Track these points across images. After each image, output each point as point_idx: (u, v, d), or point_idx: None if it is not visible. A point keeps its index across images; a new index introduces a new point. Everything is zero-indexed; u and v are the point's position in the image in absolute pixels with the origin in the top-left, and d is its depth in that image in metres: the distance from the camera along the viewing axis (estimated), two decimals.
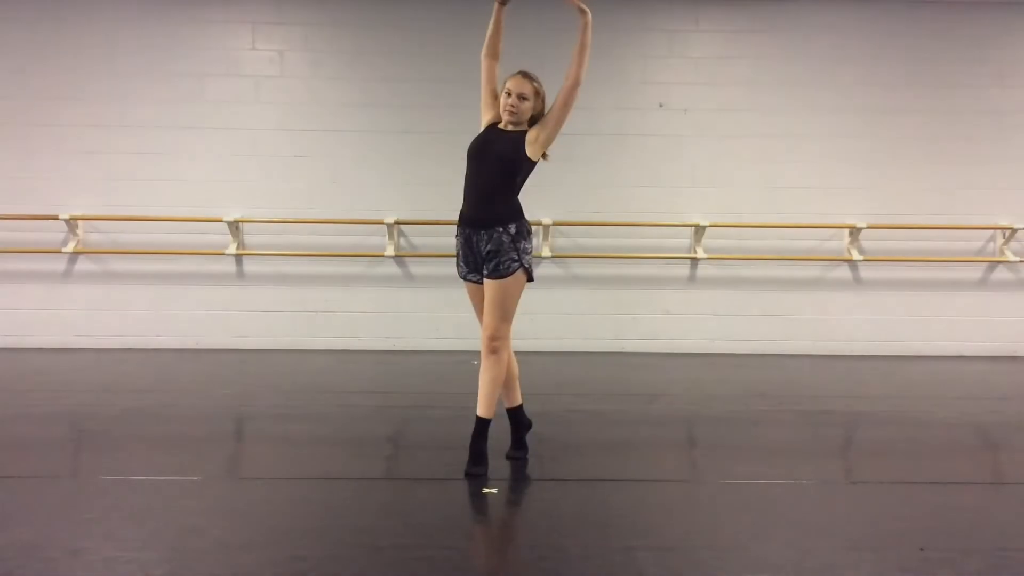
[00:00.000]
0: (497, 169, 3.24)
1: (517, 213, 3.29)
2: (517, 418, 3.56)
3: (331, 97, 6.50)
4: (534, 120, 3.35)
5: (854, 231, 6.57)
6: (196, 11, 6.40)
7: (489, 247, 3.20)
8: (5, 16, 6.31)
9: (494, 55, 3.45)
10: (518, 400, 3.54)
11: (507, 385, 3.45)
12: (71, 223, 6.29)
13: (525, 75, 3.35)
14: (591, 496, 3.13)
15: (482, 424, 3.29)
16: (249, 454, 3.86)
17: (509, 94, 3.29)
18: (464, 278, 3.39)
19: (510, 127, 3.34)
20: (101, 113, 6.39)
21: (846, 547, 2.65)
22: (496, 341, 3.23)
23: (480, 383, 3.29)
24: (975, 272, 6.74)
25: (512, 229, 3.23)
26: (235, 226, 6.39)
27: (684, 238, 6.67)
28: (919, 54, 6.60)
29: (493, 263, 3.20)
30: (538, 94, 3.35)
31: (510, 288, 3.22)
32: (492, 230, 3.21)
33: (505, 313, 3.24)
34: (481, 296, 3.32)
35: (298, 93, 6.49)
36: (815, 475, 3.45)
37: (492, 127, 3.40)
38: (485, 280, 3.26)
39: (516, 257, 3.22)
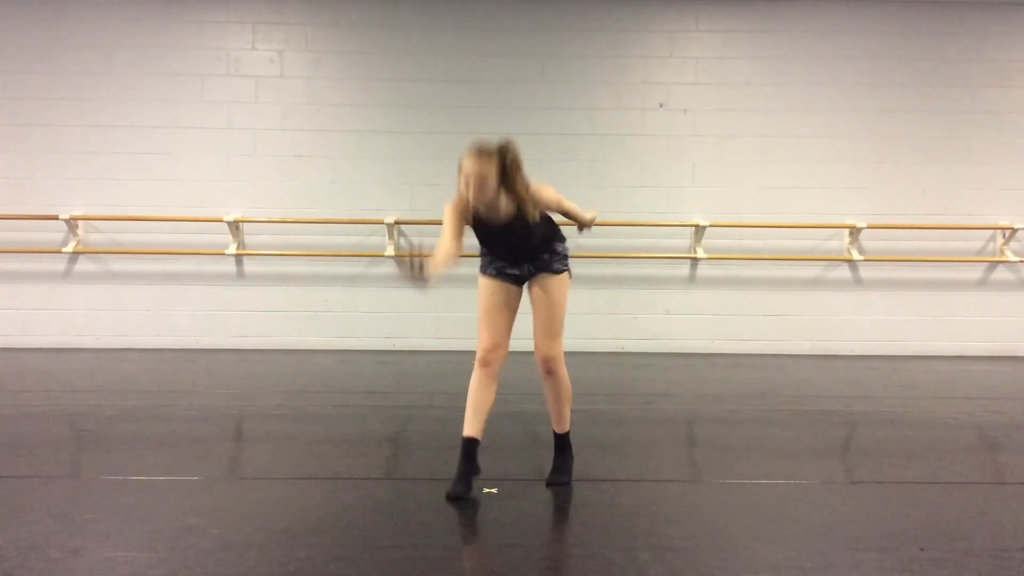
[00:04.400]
0: (522, 234, 3.07)
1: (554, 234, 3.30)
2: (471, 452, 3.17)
3: (331, 97, 6.50)
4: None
5: (854, 231, 6.57)
6: (196, 11, 6.40)
7: (538, 262, 3.21)
8: (5, 16, 6.31)
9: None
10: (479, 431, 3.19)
11: (477, 409, 3.16)
12: (71, 223, 6.29)
13: (480, 153, 2.92)
14: (591, 496, 3.12)
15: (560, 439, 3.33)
16: (249, 454, 3.86)
17: (467, 182, 2.93)
18: (495, 276, 3.22)
19: (501, 213, 3.01)
20: (101, 113, 6.39)
21: (846, 547, 2.65)
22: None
23: (551, 400, 3.28)
24: (975, 272, 6.74)
25: (558, 248, 3.27)
26: (235, 226, 6.39)
27: (684, 238, 6.67)
28: (919, 54, 6.60)
29: (546, 258, 3.21)
30: (497, 165, 2.93)
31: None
32: (535, 256, 3.20)
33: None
34: (510, 298, 3.23)
35: (298, 93, 6.49)
36: (815, 475, 3.45)
37: (463, 202, 3.05)
38: (543, 279, 3.19)
39: None
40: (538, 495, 3.14)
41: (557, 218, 3.27)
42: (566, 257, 3.23)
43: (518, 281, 3.20)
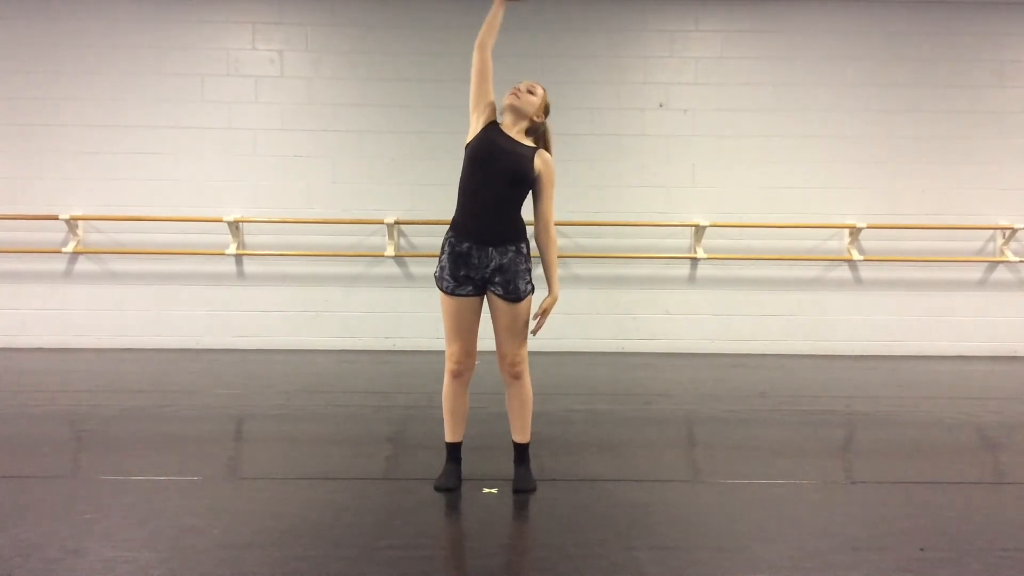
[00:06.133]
0: (509, 184, 3.03)
1: (524, 231, 3.14)
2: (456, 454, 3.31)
3: (331, 97, 6.50)
4: (535, 134, 3.18)
5: (854, 231, 6.57)
6: (196, 11, 6.40)
7: (503, 262, 3.04)
8: (5, 16, 6.31)
9: (490, 49, 3.28)
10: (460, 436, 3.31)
11: (457, 416, 3.24)
12: (71, 223, 6.29)
13: (537, 85, 3.25)
14: (591, 496, 3.13)
15: (523, 449, 3.27)
16: (249, 454, 3.86)
17: (516, 87, 3.16)
18: (452, 293, 3.10)
19: (514, 130, 3.12)
20: (101, 113, 6.39)
21: (846, 547, 2.65)
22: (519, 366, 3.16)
23: (515, 408, 3.21)
24: (975, 272, 6.74)
25: (524, 248, 3.11)
26: (235, 226, 6.39)
27: (684, 238, 6.67)
28: (919, 54, 6.60)
29: (512, 284, 3.05)
30: (543, 99, 3.20)
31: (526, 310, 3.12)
32: (503, 247, 3.04)
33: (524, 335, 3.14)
34: (473, 312, 3.13)
35: (298, 93, 6.49)
36: (815, 475, 3.45)
37: (496, 127, 3.14)
38: (505, 303, 3.07)
39: (530, 279, 3.12)
40: (538, 495, 3.14)
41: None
42: (530, 270, 3.13)
43: (475, 292, 3.10)
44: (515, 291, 3.07)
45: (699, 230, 6.52)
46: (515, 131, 3.14)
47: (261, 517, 2.86)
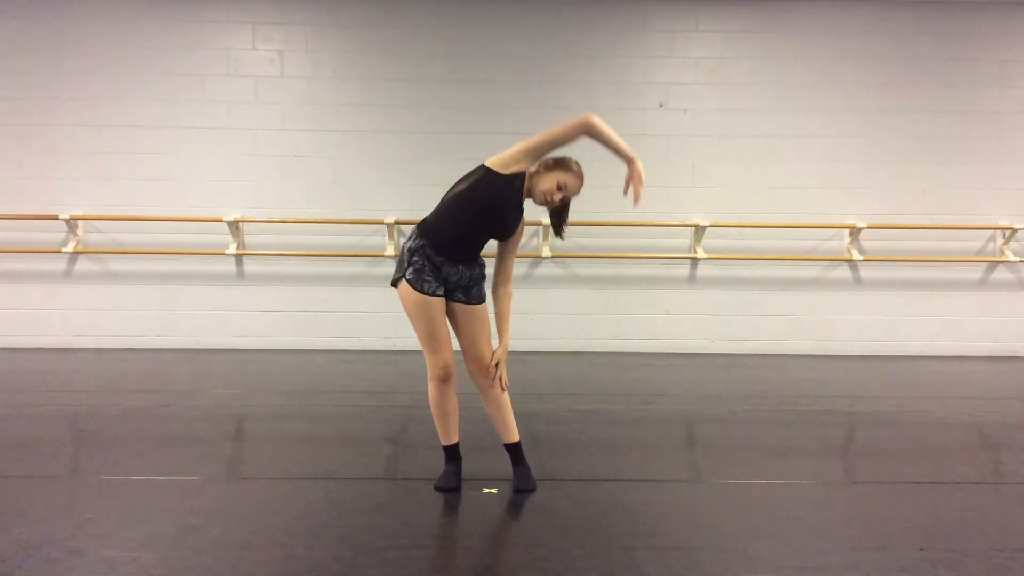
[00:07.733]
0: (493, 230, 3.14)
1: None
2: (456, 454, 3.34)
3: (331, 97, 6.50)
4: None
5: (854, 231, 6.58)
6: (196, 11, 6.40)
7: (470, 274, 3.16)
8: (5, 16, 6.31)
9: (585, 136, 3.33)
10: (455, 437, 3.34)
11: (451, 419, 3.27)
12: (71, 223, 6.29)
13: (582, 181, 3.31)
14: (591, 496, 3.12)
15: (516, 448, 3.28)
16: (249, 454, 3.86)
17: (561, 189, 3.15)
18: (433, 294, 3.09)
19: (528, 191, 3.17)
20: (101, 113, 6.39)
21: (846, 547, 2.65)
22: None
23: (495, 412, 3.25)
24: (975, 272, 6.74)
25: (483, 261, 3.24)
26: (235, 226, 6.39)
27: (684, 238, 6.67)
28: (919, 54, 6.60)
29: (475, 289, 3.18)
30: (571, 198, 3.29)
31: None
32: (472, 264, 3.18)
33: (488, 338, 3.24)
34: (444, 314, 3.18)
35: (298, 93, 6.49)
36: (815, 475, 3.45)
37: (522, 183, 3.14)
38: (470, 307, 3.17)
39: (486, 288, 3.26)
40: (538, 495, 3.14)
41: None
42: (486, 277, 3.27)
43: (443, 295, 3.16)
44: (479, 295, 3.20)
45: (699, 230, 6.52)
46: (528, 191, 3.18)
47: (261, 517, 2.86)
